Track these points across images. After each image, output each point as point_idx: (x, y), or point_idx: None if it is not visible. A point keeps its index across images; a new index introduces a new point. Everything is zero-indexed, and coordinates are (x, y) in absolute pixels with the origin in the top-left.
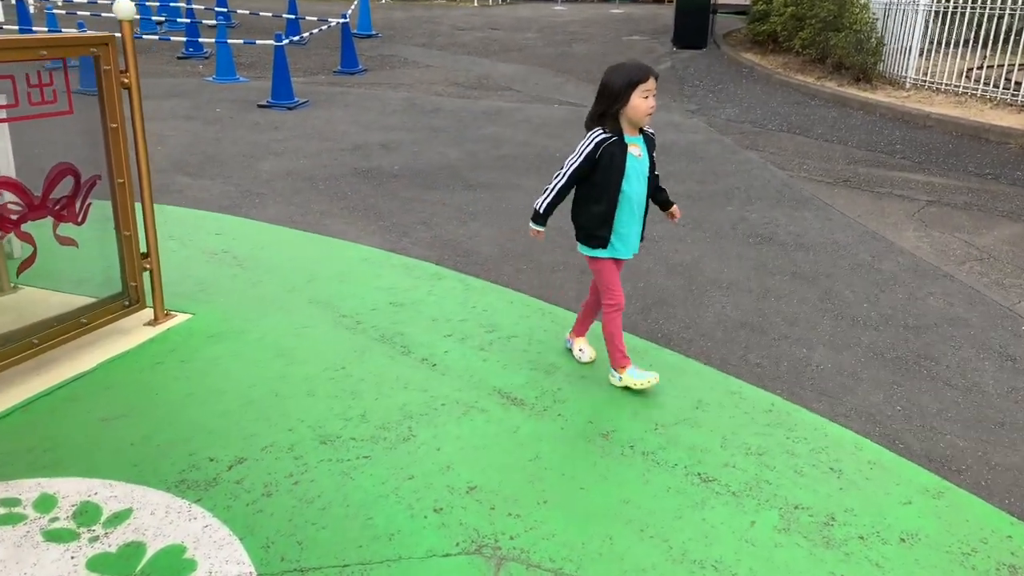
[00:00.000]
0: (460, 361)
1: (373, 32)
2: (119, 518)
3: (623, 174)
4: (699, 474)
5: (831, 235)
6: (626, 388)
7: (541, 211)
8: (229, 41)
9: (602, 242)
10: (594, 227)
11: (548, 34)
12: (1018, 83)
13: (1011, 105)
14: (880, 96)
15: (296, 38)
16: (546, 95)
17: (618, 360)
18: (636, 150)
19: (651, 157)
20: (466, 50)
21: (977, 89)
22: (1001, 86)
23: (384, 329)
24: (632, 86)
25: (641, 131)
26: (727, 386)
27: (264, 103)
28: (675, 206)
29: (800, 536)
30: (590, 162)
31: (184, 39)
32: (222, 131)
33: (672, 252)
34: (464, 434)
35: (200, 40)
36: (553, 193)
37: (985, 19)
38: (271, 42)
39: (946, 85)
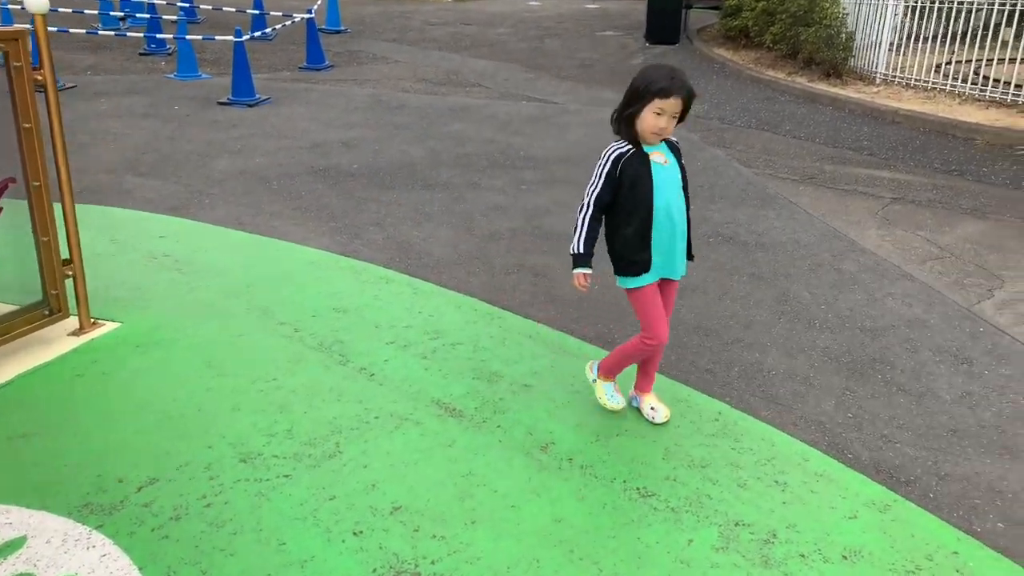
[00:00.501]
0: (400, 370)
1: (342, 28)
2: (10, 547)
3: (652, 187)
4: (638, 488)
5: (793, 234)
6: (572, 397)
7: (580, 251)
8: (189, 37)
9: (643, 267)
10: (632, 252)
11: (521, 29)
12: (986, 78)
13: (979, 100)
14: (850, 92)
15: (259, 34)
16: (516, 91)
17: (606, 369)
18: (659, 157)
19: (680, 165)
20: (437, 45)
21: (946, 84)
22: (970, 81)
23: (323, 337)
24: (650, 96)
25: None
26: (675, 393)
27: (224, 100)
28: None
29: (738, 555)
30: (612, 182)
31: (144, 35)
32: (179, 129)
33: None
34: (395, 449)
35: (162, 36)
36: (583, 228)
37: (955, 14)
38: (231, 38)
39: (916, 80)
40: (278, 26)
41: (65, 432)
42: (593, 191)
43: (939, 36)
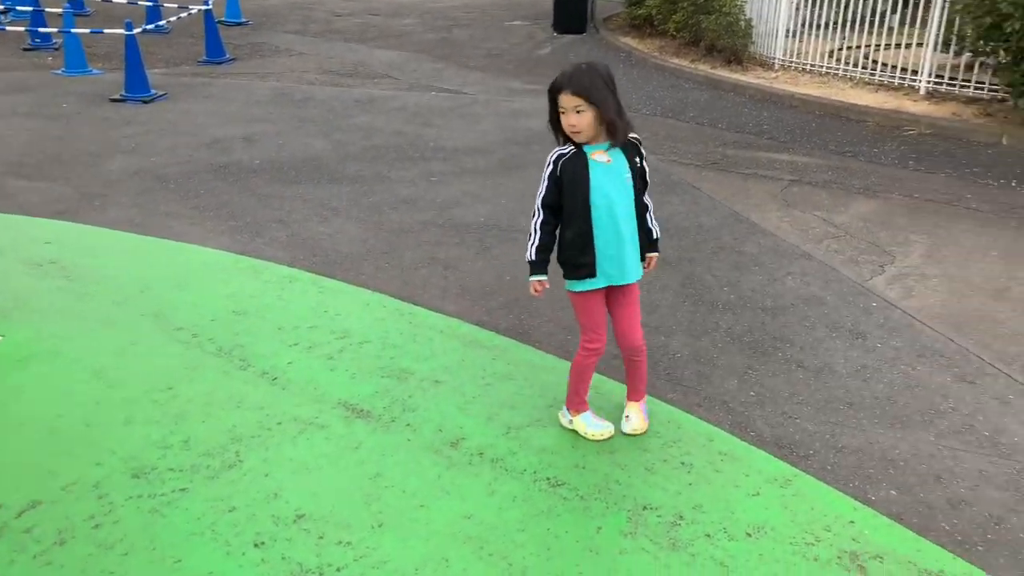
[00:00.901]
0: (304, 373)
1: (243, 19)
2: None
3: (588, 186)
4: (548, 479)
5: (696, 219)
6: (483, 391)
7: (533, 258)
8: (76, 31)
9: (588, 270)
10: (575, 255)
11: (428, 20)
12: (875, 62)
13: (869, 84)
14: (750, 78)
15: (153, 27)
16: (424, 82)
17: (573, 402)
18: (602, 156)
19: (633, 164)
20: (342, 36)
21: (839, 69)
22: (861, 66)
23: (222, 342)
24: (550, 98)
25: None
26: None
27: (117, 97)
28: (651, 256)
29: (646, 539)
30: (555, 183)
31: (26, 29)
32: (68, 128)
33: None
34: (298, 456)
35: (47, 30)
36: (535, 234)
37: (846, 2)
38: (121, 31)
39: (812, 66)
40: (174, 18)
41: None
42: (540, 193)
43: (832, 23)
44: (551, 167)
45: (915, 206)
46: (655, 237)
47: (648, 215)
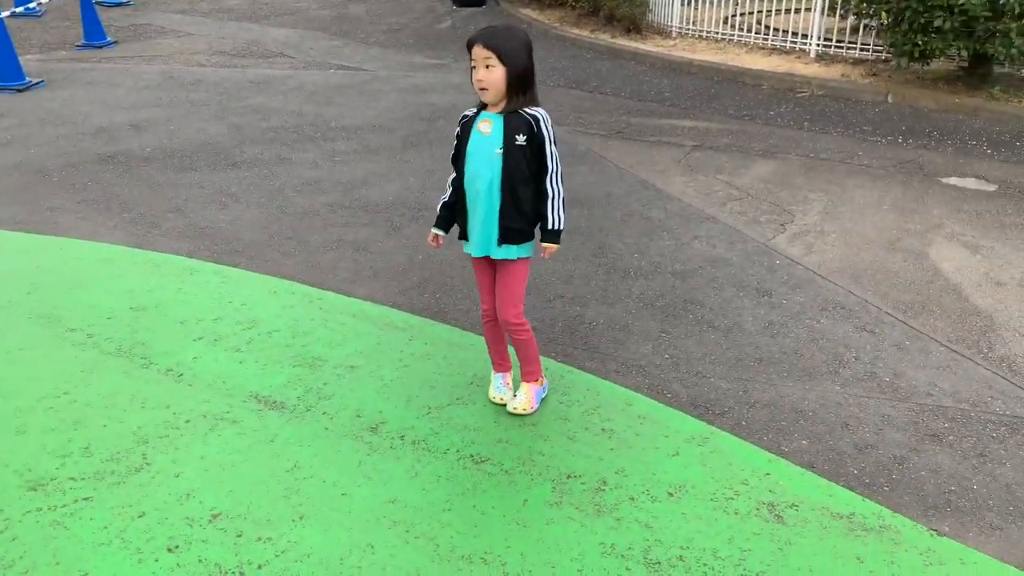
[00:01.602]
0: (211, 367)
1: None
2: None
3: (465, 153)
4: (472, 456)
5: (605, 188)
6: (401, 373)
7: (438, 209)
8: None
9: (463, 233)
10: (458, 215)
11: None
12: (768, 27)
13: (763, 48)
14: (649, 46)
15: (21, 9)
16: (322, 60)
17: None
18: (485, 126)
19: (511, 140)
20: (233, 15)
21: (734, 35)
22: (755, 31)
23: (120, 340)
24: (468, 51)
25: (516, 110)
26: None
27: None
28: (547, 246)
29: (572, 508)
30: (457, 141)
31: None
32: None
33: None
34: (210, 453)
35: None
36: (448, 186)
37: None
38: None
39: (708, 32)
40: (45, 0)
41: None
42: (453, 153)
43: None
44: (457, 128)
45: (811, 165)
46: (551, 228)
47: (549, 202)
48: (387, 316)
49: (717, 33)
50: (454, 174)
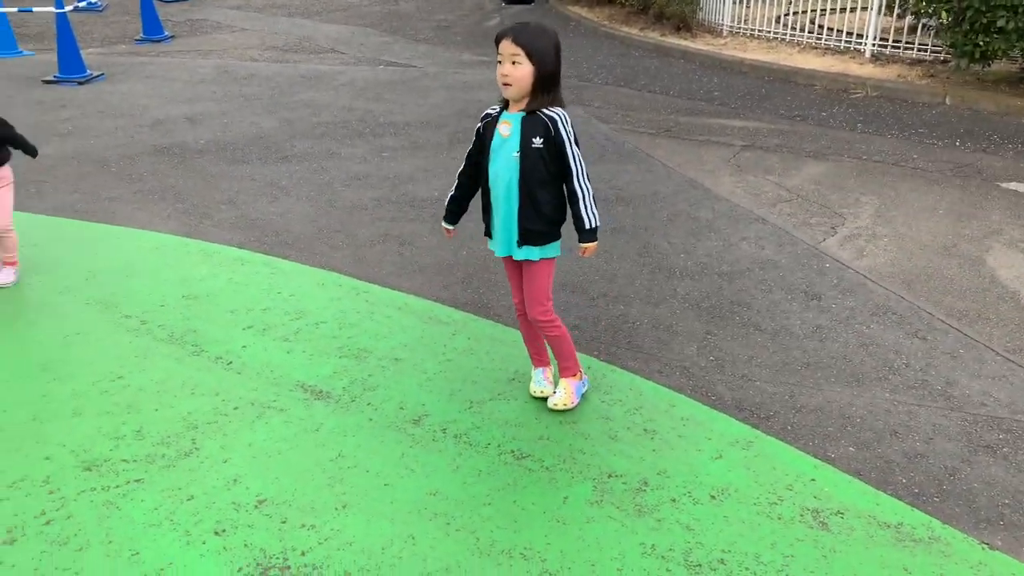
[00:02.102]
0: (259, 356)
1: None
2: None
3: (489, 154)
4: (512, 452)
5: (652, 187)
6: (443, 367)
7: (447, 203)
8: (2, 9)
9: (487, 230)
10: (483, 212)
11: None
12: (821, 27)
13: (816, 48)
14: (699, 44)
15: (84, 4)
16: (372, 56)
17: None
18: (504, 128)
19: (528, 143)
20: (286, 11)
21: (787, 34)
22: (807, 30)
23: (173, 327)
24: (496, 46)
25: (535, 111)
26: None
27: (51, 78)
28: (585, 246)
29: (612, 507)
30: (478, 138)
31: None
32: None
33: None
34: (257, 440)
35: None
36: (457, 181)
37: None
38: (52, 9)
39: (759, 31)
40: None
41: None
42: (470, 147)
43: None
44: (479, 124)
45: (864, 168)
46: (587, 227)
47: (579, 203)
48: (431, 310)
49: (769, 32)
50: (463, 167)
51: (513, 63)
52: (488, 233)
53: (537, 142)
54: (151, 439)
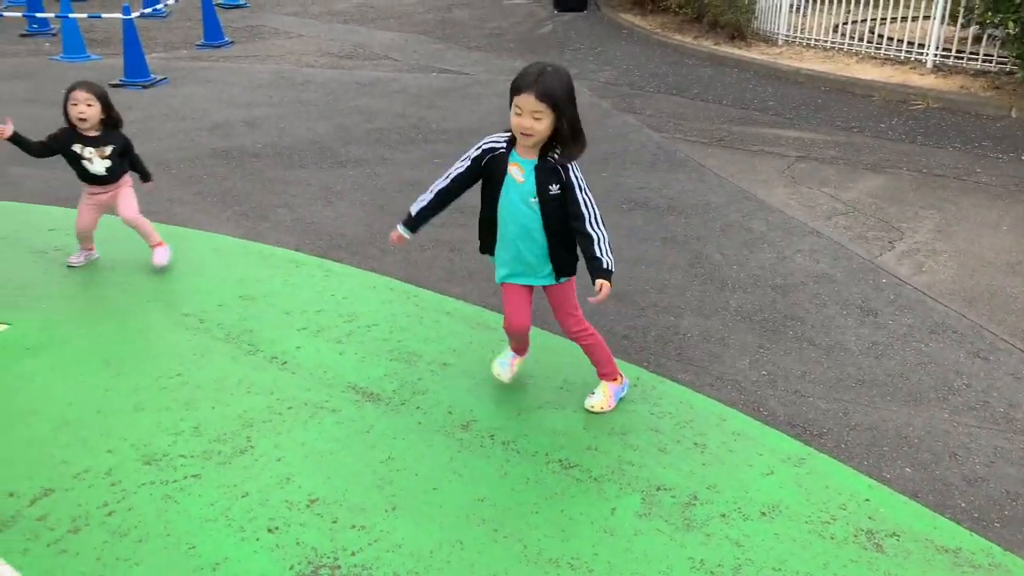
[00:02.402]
0: (313, 357)
1: (241, 1)
2: None
3: (500, 195)
4: (560, 460)
5: (703, 197)
6: (492, 373)
7: (411, 211)
8: (73, 15)
9: (487, 248)
10: (481, 231)
11: (428, 0)
12: (881, 36)
13: (875, 58)
14: (754, 53)
15: (150, 10)
16: (425, 63)
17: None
18: (517, 172)
19: (545, 191)
20: (342, 18)
21: (844, 44)
22: (865, 40)
23: (230, 327)
24: (510, 93)
25: (547, 157)
26: None
27: (117, 82)
28: (602, 283)
29: (661, 520)
30: (474, 168)
31: (24, 15)
32: None
33: None
34: (310, 440)
35: (44, 16)
36: (429, 192)
37: None
38: (119, 15)
39: (816, 41)
40: (171, 1)
41: None
42: (457, 165)
43: None
44: (478, 152)
45: (924, 181)
46: (604, 267)
47: (596, 246)
48: (480, 316)
49: (826, 41)
50: (447, 184)
51: (535, 118)
52: (490, 250)
53: (555, 189)
54: (208, 436)
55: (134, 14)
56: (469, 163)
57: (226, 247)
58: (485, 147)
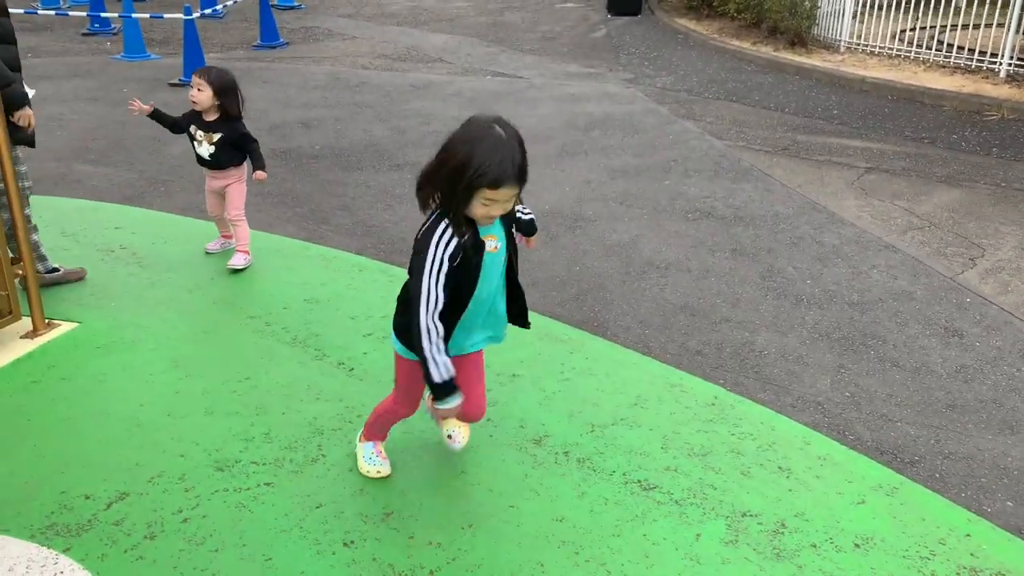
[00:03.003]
0: (380, 363)
1: (296, 3)
2: None
3: (478, 278)
4: (639, 481)
5: (771, 207)
6: (562, 386)
7: (444, 379)
8: (135, 15)
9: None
10: (446, 337)
11: (480, 3)
12: (949, 45)
13: (943, 67)
14: (815, 60)
15: (209, 11)
16: (478, 66)
17: (367, 428)
18: (491, 243)
19: (510, 236)
20: (395, 20)
21: (910, 51)
22: (934, 48)
23: (296, 331)
24: (476, 187)
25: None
26: (667, 378)
27: (175, 81)
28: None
29: (749, 548)
30: (452, 278)
31: (87, 14)
32: (128, 113)
33: (608, 232)
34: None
35: (106, 15)
36: (435, 350)
37: None
38: (180, 16)
39: (879, 48)
40: (229, 2)
41: (22, 446)
42: (435, 282)
43: (899, 3)
44: (447, 260)
45: (1003, 195)
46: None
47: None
48: (547, 327)
49: (891, 49)
50: (440, 308)
51: (508, 201)
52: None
53: (511, 230)
54: (279, 443)
55: (195, 15)
56: (444, 278)
57: (288, 249)
58: (454, 248)
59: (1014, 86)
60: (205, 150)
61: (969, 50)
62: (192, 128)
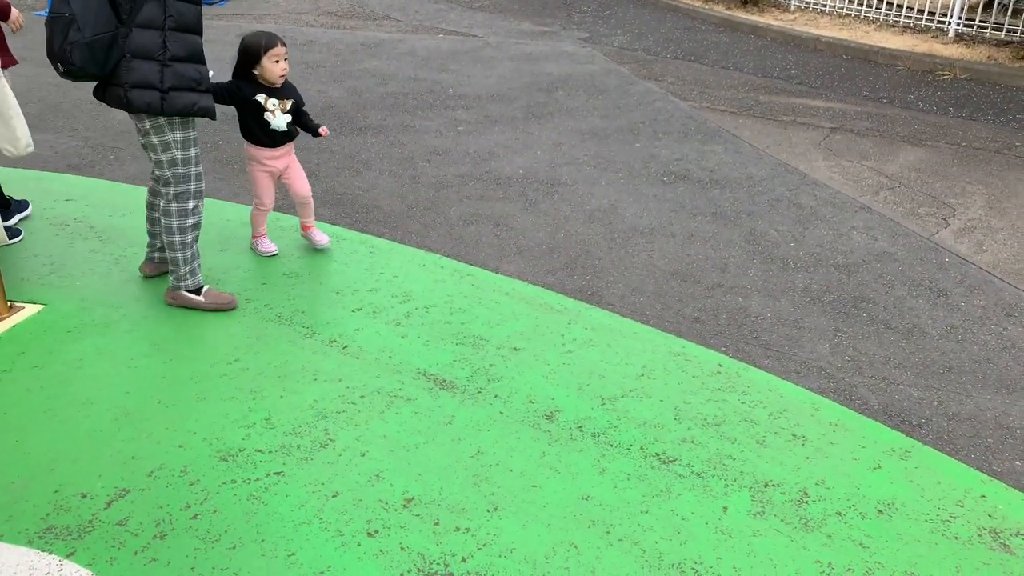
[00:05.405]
0: (374, 340)
1: None
2: None
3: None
4: (657, 455)
5: (744, 169)
6: (566, 359)
7: None
8: None
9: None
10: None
11: None
12: (899, 5)
13: (893, 27)
14: (768, 19)
15: None
16: (428, 24)
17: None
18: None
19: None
20: None
21: (859, 11)
22: (883, 8)
23: (280, 307)
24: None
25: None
26: (669, 347)
27: None
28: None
29: (777, 520)
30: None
31: None
32: None
33: (587, 196)
34: (391, 432)
35: None
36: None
37: None
38: None
39: (830, 6)
40: None
41: (2, 442)
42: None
43: None
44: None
45: (965, 155)
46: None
47: None
48: (542, 297)
49: (840, 8)
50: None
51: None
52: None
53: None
54: (282, 428)
55: None
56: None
57: None
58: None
59: (963, 46)
60: (281, 120)
61: (919, 10)
62: (261, 97)
